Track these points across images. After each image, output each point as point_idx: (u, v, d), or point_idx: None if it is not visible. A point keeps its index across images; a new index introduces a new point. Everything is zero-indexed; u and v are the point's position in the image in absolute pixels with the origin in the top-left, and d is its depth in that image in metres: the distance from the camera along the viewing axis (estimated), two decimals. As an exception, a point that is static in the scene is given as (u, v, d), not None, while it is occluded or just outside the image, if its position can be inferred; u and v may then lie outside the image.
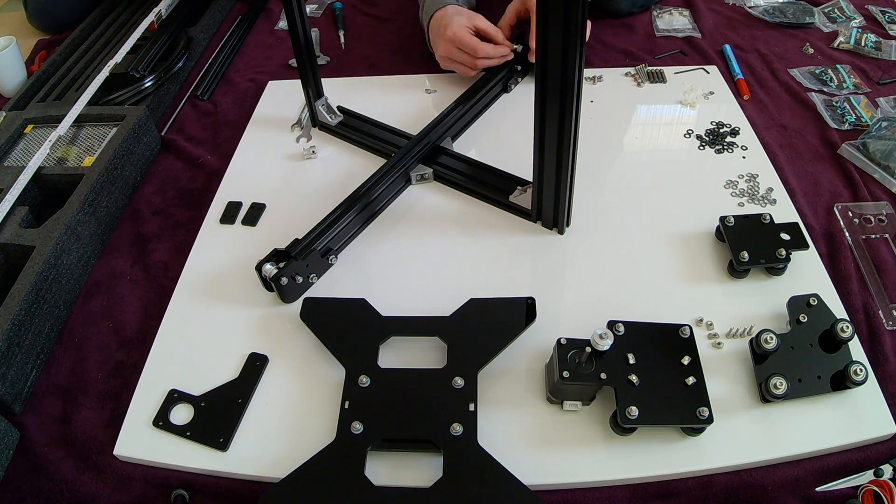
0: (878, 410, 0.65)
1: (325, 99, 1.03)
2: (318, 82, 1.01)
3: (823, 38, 1.21)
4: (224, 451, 0.65)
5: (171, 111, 1.15)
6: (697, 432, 0.63)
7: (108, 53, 1.21)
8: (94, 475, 0.66)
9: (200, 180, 1.00)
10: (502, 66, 1.07)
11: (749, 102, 1.07)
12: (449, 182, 0.93)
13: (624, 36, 1.25)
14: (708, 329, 0.73)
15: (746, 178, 0.91)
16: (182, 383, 0.71)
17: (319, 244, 0.80)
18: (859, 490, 0.61)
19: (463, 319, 0.71)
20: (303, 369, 0.72)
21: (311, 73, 0.98)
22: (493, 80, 1.05)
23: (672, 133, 1.00)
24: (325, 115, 1.03)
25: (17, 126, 1.01)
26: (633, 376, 0.63)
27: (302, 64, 0.96)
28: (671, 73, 1.11)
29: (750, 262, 0.75)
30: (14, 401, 0.71)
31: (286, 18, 0.91)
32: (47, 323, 0.77)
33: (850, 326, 0.66)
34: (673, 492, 0.62)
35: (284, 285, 0.76)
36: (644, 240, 0.83)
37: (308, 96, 1.01)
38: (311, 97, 1.01)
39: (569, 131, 0.71)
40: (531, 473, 0.61)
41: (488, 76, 1.05)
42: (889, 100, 1.04)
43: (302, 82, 0.99)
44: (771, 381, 0.63)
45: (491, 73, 1.06)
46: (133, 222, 0.94)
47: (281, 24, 1.38)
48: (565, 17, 0.62)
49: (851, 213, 0.87)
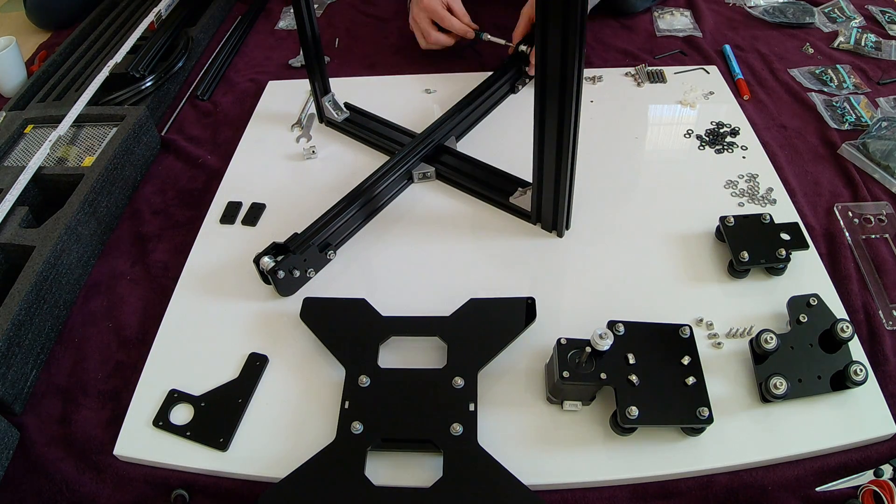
0: (877, 410, 0.65)
1: (332, 95, 1.03)
2: (325, 78, 1.01)
3: (823, 38, 1.21)
4: (224, 451, 0.65)
5: (171, 111, 1.15)
6: (697, 432, 0.63)
7: (107, 53, 1.20)
8: (94, 475, 0.66)
9: (200, 180, 1.00)
10: (510, 66, 1.07)
11: (749, 102, 1.07)
12: (451, 181, 0.93)
13: (624, 36, 1.25)
14: (708, 329, 0.73)
15: (746, 178, 0.91)
16: (182, 383, 0.71)
17: (318, 239, 0.80)
18: (859, 490, 0.61)
19: (463, 319, 0.71)
20: (303, 369, 0.72)
21: (319, 69, 0.98)
22: (500, 81, 1.05)
23: (672, 133, 1.00)
24: (332, 112, 1.03)
25: (17, 126, 1.01)
26: (633, 376, 0.63)
27: (309, 59, 0.96)
28: (671, 73, 1.11)
29: (750, 262, 0.75)
30: (14, 401, 0.71)
31: (294, 13, 0.91)
32: (47, 323, 0.77)
33: (850, 326, 0.66)
34: (673, 492, 0.62)
35: (281, 279, 0.76)
36: (644, 239, 0.83)
37: (315, 91, 1.01)
38: (318, 93, 1.01)
39: (568, 133, 0.71)
40: (531, 473, 0.61)
41: (496, 76, 1.05)
42: (889, 100, 1.04)
43: (309, 78, 1.00)
44: (771, 381, 0.63)
45: (498, 73, 1.06)
46: (133, 222, 0.94)
47: (281, 23, 1.38)
48: (564, 18, 0.62)
49: (851, 213, 0.87)
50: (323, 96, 1.02)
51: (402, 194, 0.92)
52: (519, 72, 1.08)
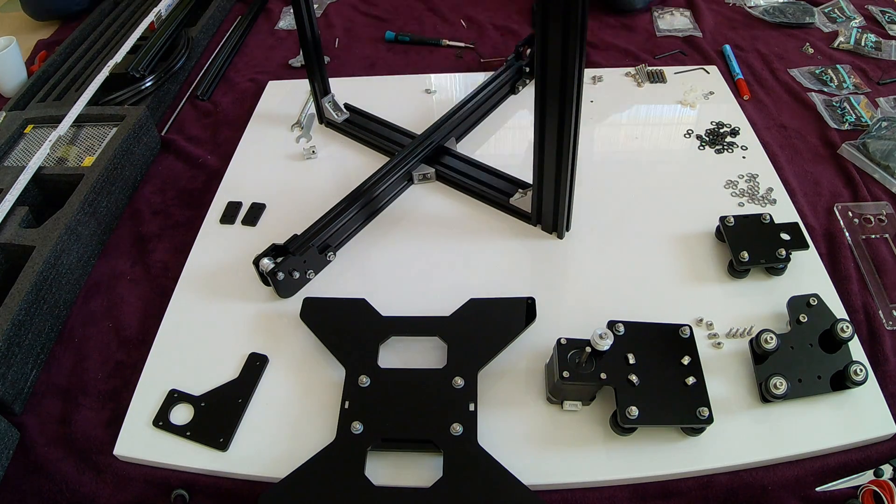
0: (878, 410, 0.65)
1: (331, 96, 1.03)
2: (325, 79, 1.01)
3: (823, 38, 1.21)
4: (224, 451, 0.65)
5: (171, 111, 1.15)
6: (697, 432, 0.63)
7: (107, 53, 1.21)
8: (95, 475, 0.66)
9: (200, 180, 1.00)
10: (510, 66, 1.07)
11: (749, 102, 1.07)
12: (451, 182, 0.93)
13: (624, 36, 1.25)
14: (708, 329, 0.73)
15: (746, 178, 0.91)
16: (182, 383, 0.71)
17: (318, 240, 0.80)
18: (859, 490, 0.61)
19: (463, 319, 0.71)
20: (303, 369, 0.72)
21: (318, 70, 0.98)
22: (500, 82, 1.05)
23: (672, 133, 1.00)
24: (332, 113, 1.03)
25: (17, 126, 1.01)
26: (633, 376, 0.63)
27: (309, 61, 0.96)
28: (671, 73, 1.11)
29: (750, 262, 0.75)
30: (14, 401, 0.71)
31: (294, 14, 0.91)
32: (47, 323, 0.78)
33: (850, 326, 0.66)
34: (673, 492, 0.62)
35: (281, 280, 0.76)
36: (644, 239, 0.83)
37: (315, 92, 1.01)
38: (317, 94, 1.01)
39: (569, 134, 0.71)
40: (531, 473, 0.61)
41: (496, 77, 1.05)
42: (889, 100, 1.04)
43: (309, 79, 1.00)
44: (771, 381, 0.63)
45: (499, 74, 1.06)
46: (133, 222, 0.94)
47: (281, 24, 1.38)
48: (565, 18, 0.61)
49: (851, 213, 0.87)
50: (323, 97, 1.02)
51: (402, 195, 0.92)
52: (519, 72, 1.08)
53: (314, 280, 0.81)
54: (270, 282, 0.77)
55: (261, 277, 0.77)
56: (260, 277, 0.78)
